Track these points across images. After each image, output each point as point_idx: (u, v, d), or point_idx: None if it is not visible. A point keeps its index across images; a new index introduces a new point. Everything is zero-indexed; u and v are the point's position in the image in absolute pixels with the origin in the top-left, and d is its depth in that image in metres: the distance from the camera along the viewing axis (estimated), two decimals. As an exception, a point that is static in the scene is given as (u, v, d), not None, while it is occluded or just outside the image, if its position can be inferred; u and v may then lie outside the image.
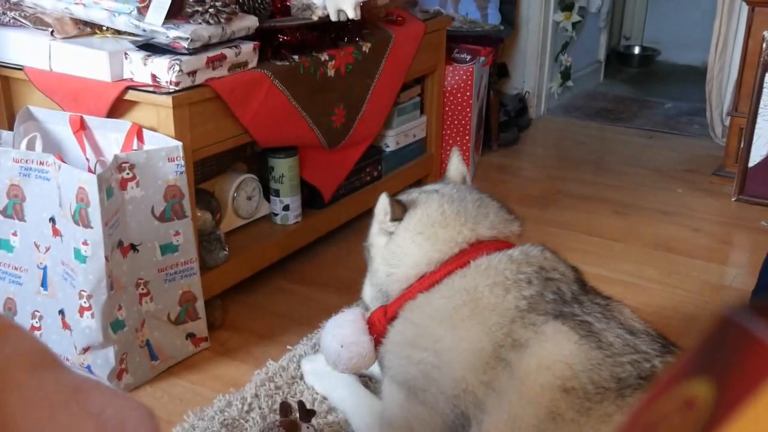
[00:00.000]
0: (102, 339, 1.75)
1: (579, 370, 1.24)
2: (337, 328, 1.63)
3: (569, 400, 1.22)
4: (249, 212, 2.34)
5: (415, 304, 1.48)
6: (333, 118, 2.38)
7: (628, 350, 1.26)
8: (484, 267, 1.43)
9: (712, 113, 3.55)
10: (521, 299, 1.36)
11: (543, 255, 1.46)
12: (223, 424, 1.69)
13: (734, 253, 2.70)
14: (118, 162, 1.75)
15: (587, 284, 1.45)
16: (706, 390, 0.26)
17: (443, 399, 1.38)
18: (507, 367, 1.30)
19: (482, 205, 1.55)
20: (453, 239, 1.50)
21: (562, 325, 1.29)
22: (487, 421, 1.30)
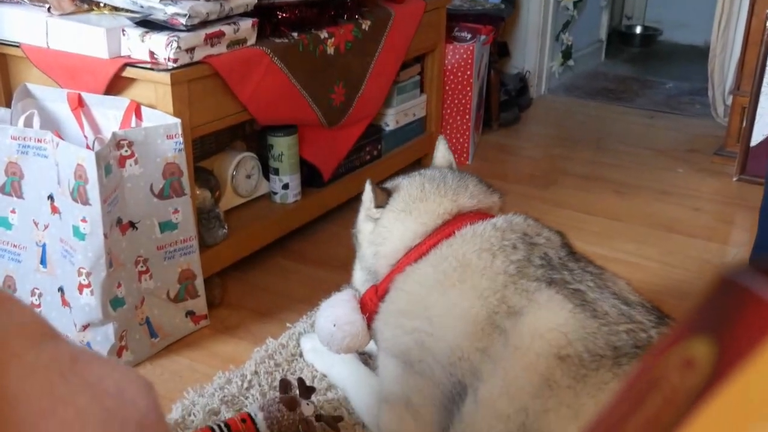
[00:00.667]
0: (101, 316, 1.75)
1: (574, 338, 1.24)
2: (330, 308, 1.65)
3: (564, 368, 1.22)
4: (248, 191, 2.34)
5: (404, 275, 1.50)
6: (332, 97, 2.37)
7: (623, 320, 1.26)
8: (470, 235, 1.45)
9: (714, 93, 3.54)
10: (509, 264, 1.37)
11: (526, 222, 1.48)
12: (223, 400, 1.69)
13: (735, 233, 2.69)
14: (116, 139, 1.75)
15: (575, 250, 1.46)
16: (705, 349, 0.26)
17: (439, 368, 1.38)
18: (502, 334, 1.31)
19: (462, 180, 1.59)
20: (434, 211, 1.53)
21: (556, 293, 1.29)
22: (483, 388, 1.31)
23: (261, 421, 1.54)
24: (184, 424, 1.62)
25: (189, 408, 1.67)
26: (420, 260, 1.49)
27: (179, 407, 1.67)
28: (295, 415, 1.56)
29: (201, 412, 1.65)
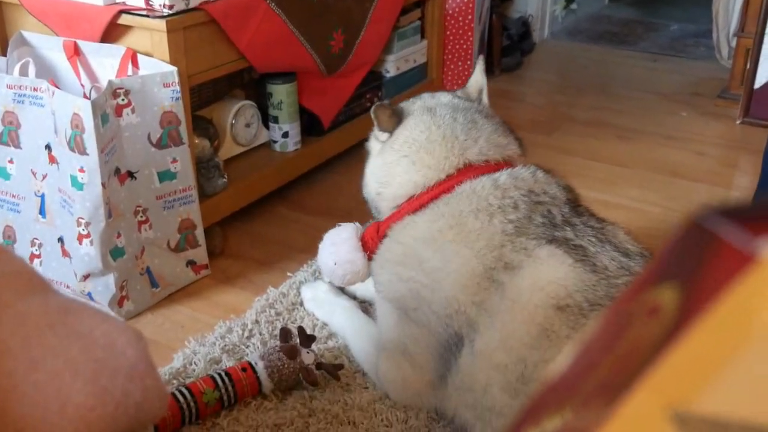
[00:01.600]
0: (101, 266, 1.76)
1: (573, 290, 1.24)
2: (331, 245, 1.66)
3: (563, 317, 1.22)
4: (247, 139, 2.32)
5: (401, 224, 1.49)
6: (331, 43, 2.34)
7: (622, 272, 1.26)
8: (467, 193, 1.43)
9: (718, 35, 3.48)
10: (507, 223, 1.36)
11: (534, 177, 1.44)
12: (224, 349, 1.70)
13: (738, 177, 2.68)
14: (112, 88, 1.73)
15: (580, 205, 1.44)
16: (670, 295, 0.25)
17: (435, 318, 1.38)
18: (499, 288, 1.31)
19: (474, 128, 1.53)
20: (438, 165, 1.50)
21: (556, 248, 1.29)
22: (479, 340, 1.31)
23: (261, 370, 1.55)
24: (186, 372, 1.64)
25: (190, 357, 1.68)
26: (418, 212, 1.47)
27: (180, 356, 1.69)
28: (296, 363, 1.57)
29: (202, 361, 1.66)
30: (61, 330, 0.65)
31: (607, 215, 2.29)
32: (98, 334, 0.65)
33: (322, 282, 1.88)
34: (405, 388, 1.51)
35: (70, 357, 0.62)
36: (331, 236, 1.68)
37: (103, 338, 0.64)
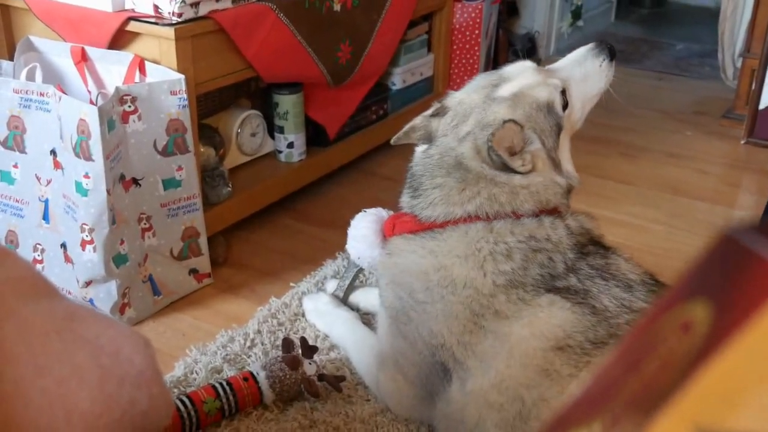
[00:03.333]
0: (104, 273, 1.75)
1: (573, 331, 1.23)
2: (352, 239, 1.64)
3: (564, 357, 1.21)
4: (253, 149, 2.32)
5: (398, 244, 1.45)
6: (339, 54, 2.35)
7: (622, 311, 1.25)
8: (457, 236, 1.35)
9: (723, 55, 3.49)
10: (498, 275, 1.30)
11: (539, 222, 1.35)
12: (226, 359, 1.70)
13: (741, 196, 2.67)
14: (119, 94, 1.73)
15: (590, 244, 1.37)
16: (702, 312, 0.25)
17: (421, 341, 1.37)
18: (489, 335, 1.28)
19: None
20: (450, 213, 1.39)
21: (555, 296, 1.27)
22: (471, 381, 1.30)
23: (263, 380, 1.54)
24: (187, 381, 1.63)
25: (191, 366, 1.67)
26: (410, 238, 1.42)
27: (182, 365, 1.68)
28: (298, 374, 1.56)
29: (203, 370, 1.65)
30: (67, 336, 0.64)
31: (610, 232, 2.28)
32: (105, 341, 0.64)
33: (324, 293, 1.88)
34: (401, 401, 1.50)
35: (77, 363, 0.62)
36: (353, 230, 1.64)
37: (109, 345, 0.64)
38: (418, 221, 1.42)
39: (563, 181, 1.42)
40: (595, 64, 1.53)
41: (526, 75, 1.45)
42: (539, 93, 1.42)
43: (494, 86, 1.44)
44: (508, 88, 1.43)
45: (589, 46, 1.55)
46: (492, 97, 1.41)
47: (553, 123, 1.41)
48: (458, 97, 1.47)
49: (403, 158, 1.56)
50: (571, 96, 1.47)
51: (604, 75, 1.53)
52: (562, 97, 1.45)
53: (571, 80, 1.49)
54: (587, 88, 1.52)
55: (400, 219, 1.47)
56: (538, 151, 1.38)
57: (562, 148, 1.46)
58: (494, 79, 1.46)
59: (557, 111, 1.43)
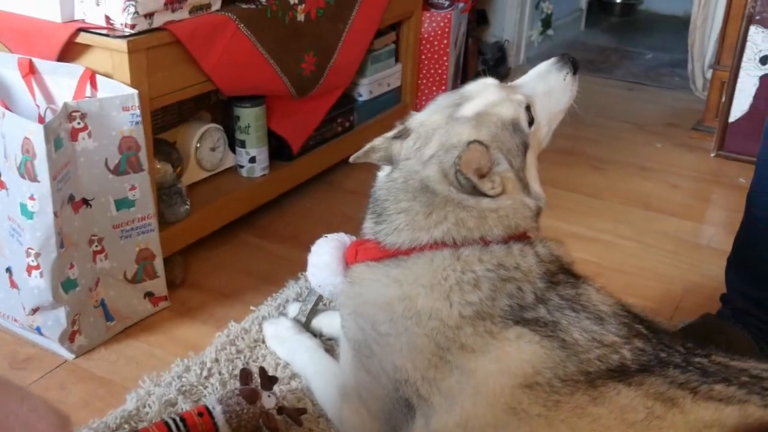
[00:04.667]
0: (52, 299, 1.66)
1: (542, 367, 1.16)
2: (315, 268, 1.55)
3: (533, 395, 1.14)
4: (213, 164, 2.23)
5: (363, 272, 1.37)
6: (303, 66, 2.26)
7: (594, 345, 1.18)
8: (422, 262, 1.28)
9: (693, 65, 3.46)
10: (465, 306, 1.23)
11: (508, 249, 1.28)
12: (181, 390, 1.61)
13: (712, 211, 2.64)
14: (68, 111, 1.64)
15: (561, 272, 1.31)
16: None
17: (385, 376, 1.30)
18: (456, 371, 1.21)
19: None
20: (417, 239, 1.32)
21: (523, 328, 1.21)
22: (435, 419, 1.22)
23: (219, 415, 1.46)
24: (139, 416, 1.54)
25: (144, 398, 1.58)
26: (376, 265, 1.34)
27: (134, 397, 1.59)
28: (256, 408, 1.48)
29: (157, 402, 1.56)
30: (-26, 416, 0.56)
31: (581, 249, 2.24)
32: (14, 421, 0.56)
33: (285, 318, 1.80)
34: None
35: (-18, 451, 0.54)
36: (313, 257, 1.56)
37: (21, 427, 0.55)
38: (382, 248, 1.34)
39: (533, 203, 1.36)
40: (558, 78, 1.48)
41: (489, 92, 1.40)
42: (503, 110, 1.36)
43: (456, 106, 1.38)
44: (471, 107, 1.37)
45: (551, 60, 1.50)
46: (454, 117, 1.36)
47: (519, 141, 1.36)
48: (420, 118, 1.41)
49: (369, 172, 1.48)
50: (536, 112, 1.43)
51: (568, 89, 1.49)
52: (527, 114, 1.39)
53: (535, 95, 1.44)
54: (552, 102, 1.47)
55: (363, 245, 1.40)
56: (506, 172, 1.33)
57: (529, 167, 1.41)
58: (456, 99, 1.40)
59: (523, 128, 1.38)
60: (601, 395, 1.11)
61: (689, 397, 1.07)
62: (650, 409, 1.07)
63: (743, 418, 1.02)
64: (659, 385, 1.10)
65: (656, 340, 1.21)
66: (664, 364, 1.14)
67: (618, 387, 1.11)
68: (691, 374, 1.12)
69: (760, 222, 1.67)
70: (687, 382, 1.10)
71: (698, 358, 1.16)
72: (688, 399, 1.07)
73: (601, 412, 1.09)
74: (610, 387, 1.11)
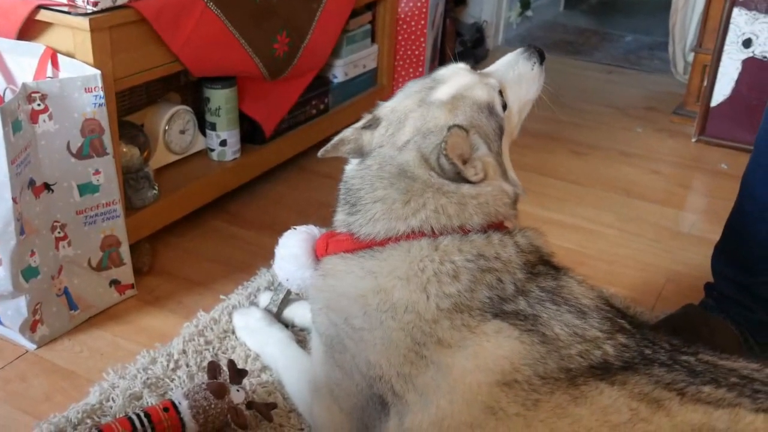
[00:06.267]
0: (12, 288, 1.59)
1: (521, 363, 1.11)
2: (282, 260, 1.53)
3: (511, 394, 1.09)
4: (182, 147, 2.16)
5: (332, 264, 1.32)
6: (275, 46, 2.19)
7: (575, 340, 1.13)
8: (399, 253, 1.23)
9: (674, 48, 3.42)
10: (443, 298, 1.18)
11: (487, 239, 1.24)
12: (146, 383, 1.55)
13: (693, 198, 2.60)
14: (27, 91, 1.56)
15: (540, 263, 1.27)
16: None
17: (358, 373, 1.24)
18: (431, 366, 1.16)
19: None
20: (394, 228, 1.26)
21: (502, 322, 1.15)
22: (410, 417, 1.17)
23: (185, 410, 1.40)
24: (102, 410, 1.48)
25: (108, 392, 1.52)
26: (350, 256, 1.29)
27: (97, 390, 1.53)
28: (224, 403, 1.42)
29: (121, 396, 1.50)
30: None
31: (561, 237, 2.20)
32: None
33: (256, 308, 1.74)
34: None
35: None
36: (281, 249, 1.53)
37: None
38: (355, 239, 1.29)
39: (511, 189, 1.32)
40: (527, 67, 1.46)
41: (461, 76, 1.36)
42: (478, 93, 1.33)
43: (429, 89, 1.34)
44: (445, 90, 1.33)
45: (519, 50, 1.49)
46: (428, 102, 1.31)
47: (496, 125, 1.32)
48: (390, 105, 1.36)
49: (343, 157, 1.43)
50: (508, 98, 1.39)
51: (537, 78, 1.47)
52: (500, 98, 1.35)
53: (506, 82, 1.41)
54: (522, 91, 1.44)
55: (334, 238, 1.34)
56: (485, 156, 1.28)
57: (505, 153, 1.38)
58: (428, 83, 1.36)
59: (498, 112, 1.34)
60: (583, 395, 1.06)
61: (676, 399, 1.02)
62: (635, 411, 1.02)
63: (733, 422, 0.98)
64: (644, 385, 1.05)
65: (640, 336, 1.16)
66: (649, 362, 1.10)
67: (600, 386, 1.06)
68: (677, 373, 1.07)
69: (755, 204, 1.62)
70: (673, 382, 1.05)
71: (685, 356, 1.11)
72: (675, 401, 1.02)
73: (582, 412, 1.04)
74: (592, 386, 1.06)
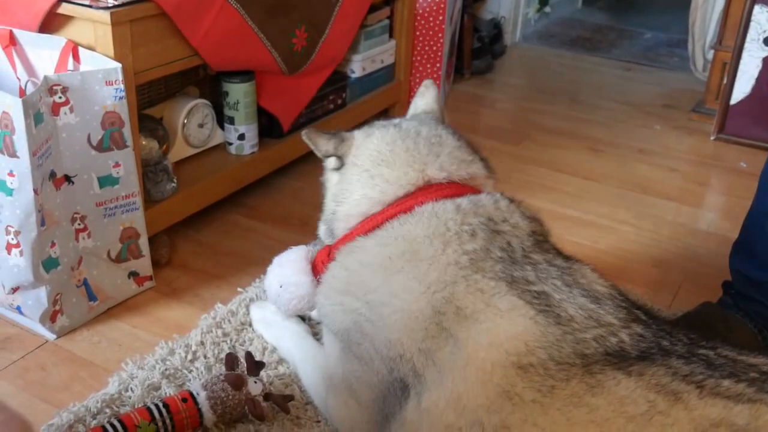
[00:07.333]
0: (32, 278, 1.60)
1: (535, 346, 1.10)
2: (278, 267, 1.56)
3: (527, 378, 1.08)
4: (201, 141, 2.17)
5: (350, 247, 1.36)
6: (294, 41, 2.20)
7: (591, 324, 1.12)
8: (427, 215, 1.30)
9: (694, 46, 3.40)
10: (462, 254, 1.23)
11: (495, 205, 1.32)
12: (165, 374, 1.56)
13: (711, 196, 2.59)
14: (48, 84, 1.57)
15: (546, 240, 1.31)
16: None
17: (378, 358, 1.25)
18: (450, 340, 1.16)
19: (437, 142, 1.41)
20: (398, 180, 1.38)
21: (518, 299, 1.16)
22: (427, 397, 1.17)
23: (203, 401, 1.41)
24: (121, 400, 1.49)
25: (127, 382, 1.53)
26: (371, 233, 1.35)
27: (116, 380, 1.54)
28: (242, 394, 1.43)
29: (140, 386, 1.51)
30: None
31: (576, 233, 2.20)
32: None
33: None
34: (353, 428, 1.36)
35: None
36: (279, 258, 1.57)
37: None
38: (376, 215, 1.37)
39: None
40: None
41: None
42: None
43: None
44: None
45: None
46: None
47: None
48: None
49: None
50: None
51: None
52: None
53: None
54: None
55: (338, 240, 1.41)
56: None
57: None
58: None
59: None
60: (600, 384, 1.05)
61: (695, 393, 1.01)
62: (652, 403, 1.02)
63: (754, 418, 0.97)
64: (661, 376, 1.04)
65: (657, 327, 1.16)
66: (666, 354, 1.08)
67: (617, 376, 1.05)
68: (695, 366, 1.06)
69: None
70: (691, 374, 1.04)
71: (703, 350, 1.10)
72: (693, 394, 1.01)
73: (599, 402, 1.04)
74: (609, 375, 1.06)
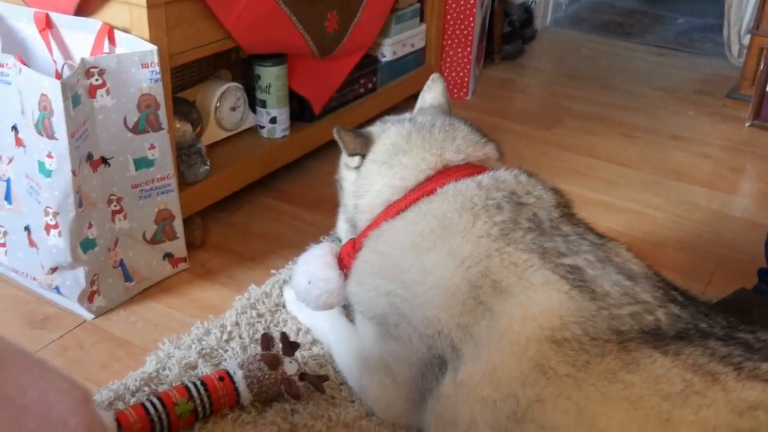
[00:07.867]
0: (71, 259, 1.62)
1: (570, 321, 1.10)
2: (305, 264, 1.55)
3: (561, 353, 1.08)
4: (233, 124, 2.18)
5: (378, 231, 1.40)
6: (326, 24, 2.20)
7: (626, 300, 1.12)
8: (451, 193, 1.34)
9: (729, 30, 3.35)
10: (492, 226, 1.25)
11: (516, 179, 1.36)
12: (201, 353, 1.58)
13: (745, 182, 2.56)
14: (85, 66, 1.59)
15: (572, 212, 1.34)
16: None
17: (417, 336, 1.26)
18: (487, 313, 1.17)
19: (451, 129, 1.47)
20: (417, 166, 1.42)
21: (552, 273, 1.16)
22: (463, 370, 1.18)
23: (240, 380, 1.43)
24: (158, 378, 1.51)
25: (164, 361, 1.55)
26: (397, 216, 1.38)
27: (153, 360, 1.56)
28: (277, 374, 1.44)
29: (177, 365, 1.53)
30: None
31: (609, 219, 2.19)
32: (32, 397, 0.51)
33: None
34: (389, 406, 1.39)
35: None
36: (305, 256, 1.58)
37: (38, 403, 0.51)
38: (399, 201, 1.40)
39: None
40: None
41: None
42: None
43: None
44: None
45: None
46: None
47: None
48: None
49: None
50: None
51: None
52: None
53: None
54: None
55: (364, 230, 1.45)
56: None
57: None
58: None
59: None
60: (635, 361, 1.05)
61: (732, 374, 1.00)
62: (688, 383, 1.01)
63: None
64: (698, 356, 1.03)
65: (694, 309, 1.15)
66: (704, 335, 1.08)
67: (653, 354, 1.05)
68: (734, 348, 1.05)
69: None
70: (729, 356, 1.03)
71: (742, 333, 1.10)
72: (731, 376, 1.00)
73: (634, 379, 1.03)
74: (645, 353, 1.05)
